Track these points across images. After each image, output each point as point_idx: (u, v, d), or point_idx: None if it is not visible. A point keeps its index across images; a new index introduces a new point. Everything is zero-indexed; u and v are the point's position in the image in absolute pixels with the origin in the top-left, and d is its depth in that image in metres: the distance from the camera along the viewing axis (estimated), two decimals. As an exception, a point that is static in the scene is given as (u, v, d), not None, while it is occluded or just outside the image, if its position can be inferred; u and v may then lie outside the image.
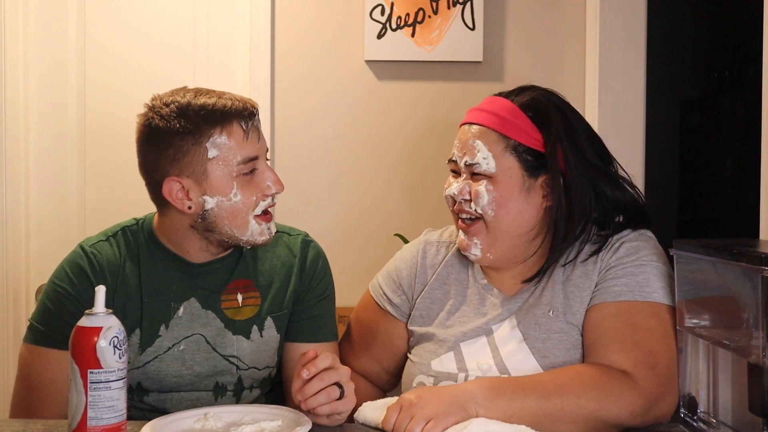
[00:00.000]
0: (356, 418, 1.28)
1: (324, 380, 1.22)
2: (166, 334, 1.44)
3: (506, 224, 1.37)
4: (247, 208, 1.40)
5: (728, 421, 1.19)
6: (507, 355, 1.36)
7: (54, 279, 1.46)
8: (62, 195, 2.38)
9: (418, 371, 1.42)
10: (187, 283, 1.47)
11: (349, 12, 2.41)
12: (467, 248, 1.40)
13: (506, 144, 1.37)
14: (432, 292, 1.49)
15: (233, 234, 1.41)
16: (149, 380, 1.44)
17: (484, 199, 1.36)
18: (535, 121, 1.38)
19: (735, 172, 4.20)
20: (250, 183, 1.40)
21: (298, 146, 2.42)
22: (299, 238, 1.56)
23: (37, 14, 2.37)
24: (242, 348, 1.46)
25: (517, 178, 1.37)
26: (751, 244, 1.20)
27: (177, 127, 1.36)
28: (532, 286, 1.41)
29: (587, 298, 1.36)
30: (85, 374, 1.09)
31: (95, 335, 1.10)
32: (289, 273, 1.52)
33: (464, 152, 1.39)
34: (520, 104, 1.39)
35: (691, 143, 4.59)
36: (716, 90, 4.41)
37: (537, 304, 1.38)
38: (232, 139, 1.37)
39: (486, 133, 1.38)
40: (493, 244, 1.38)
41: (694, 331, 1.28)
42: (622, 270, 1.35)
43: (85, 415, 1.09)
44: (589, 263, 1.38)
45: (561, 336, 1.34)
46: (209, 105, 1.37)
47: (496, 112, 1.39)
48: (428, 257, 1.53)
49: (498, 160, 1.36)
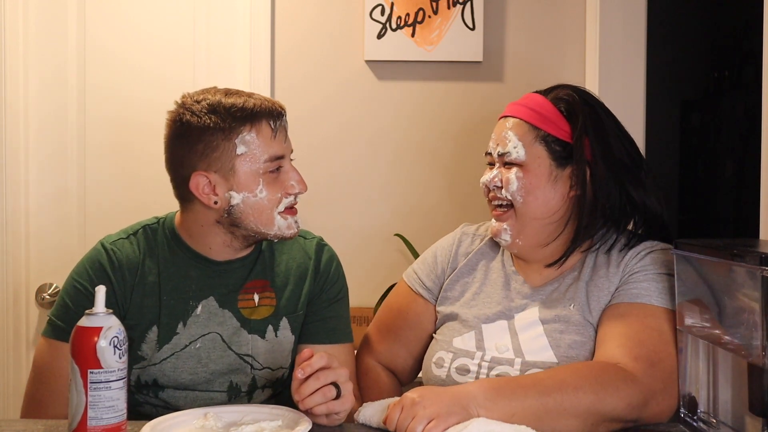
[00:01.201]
0: (356, 418, 1.29)
1: (320, 380, 1.23)
2: (184, 331, 1.46)
3: (533, 210, 1.44)
4: (271, 205, 1.44)
5: (728, 421, 1.19)
6: (525, 341, 1.41)
7: (74, 275, 1.49)
8: (62, 197, 2.38)
9: (440, 348, 1.49)
10: (206, 281, 1.48)
11: (349, 12, 2.41)
12: (498, 233, 1.48)
13: (536, 134, 1.45)
14: (461, 276, 1.56)
15: (259, 229, 1.45)
16: (165, 377, 1.46)
17: (514, 186, 1.44)
18: (565, 114, 1.46)
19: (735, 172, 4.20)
20: (275, 181, 1.45)
21: (298, 146, 2.40)
22: (314, 241, 1.60)
23: (37, 16, 2.36)
24: (257, 347, 1.48)
25: (545, 167, 1.44)
26: (751, 244, 1.20)
27: (208, 122, 1.40)
28: (557, 281, 1.47)
29: (605, 298, 1.41)
30: (85, 374, 1.09)
31: (95, 335, 1.10)
32: (304, 275, 1.55)
33: (497, 143, 1.48)
34: (552, 98, 1.48)
35: (691, 143, 4.59)
36: (716, 90, 4.41)
37: (561, 299, 1.44)
38: (260, 137, 1.42)
39: (519, 124, 1.47)
40: (521, 230, 1.46)
41: (694, 331, 1.28)
42: (644, 276, 1.39)
43: (85, 415, 1.09)
44: (612, 265, 1.43)
45: (578, 329, 1.39)
46: (239, 103, 1.42)
47: (529, 105, 1.48)
48: (463, 246, 1.61)
49: (528, 149, 1.44)
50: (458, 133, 2.41)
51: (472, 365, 1.42)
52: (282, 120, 1.46)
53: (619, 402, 1.23)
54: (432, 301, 1.59)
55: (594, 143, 1.44)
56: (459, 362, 1.44)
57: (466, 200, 2.41)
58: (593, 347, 1.37)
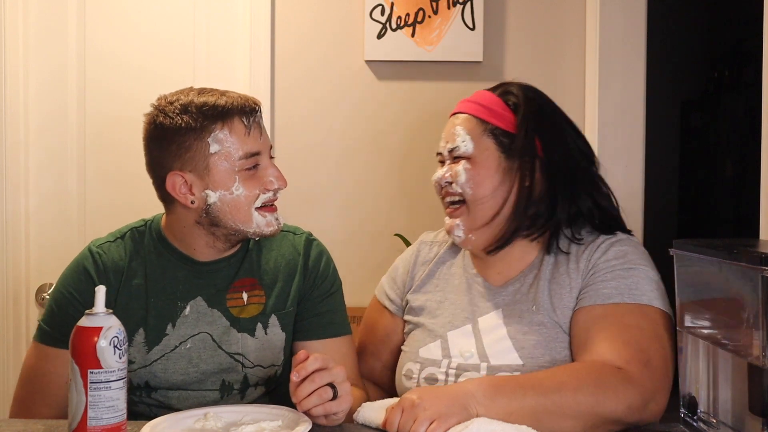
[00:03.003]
0: (355, 418, 1.28)
1: (315, 382, 1.22)
2: (173, 332, 1.46)
3: (483, 202, 1.45)
4: (248, 202, 1.43)
5: (728, 421, 1.19)
6: (489, 344, 1.41)
7: (60, 279, 1.52)
8: (62, 197, 2.38)
9: (407, 359, 1.49)
10: (193, 282, 1.48)
11: (349, 12, 2.41)
12: (452, 230, 1.49)
13: (484, 128, 1.47)
14: (423, 286, 1.57)
15: (238, 227, 1.44)
16: (156, 378, 1.46)
17: (462, 177, 1.45)
18: (512, 107, 1.48)
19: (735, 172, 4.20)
20: (252, 177, 1.44)
21: (298, 146, 2.42)
22: (303, 236, 1.59)
23: (37, 16, 2.36)
24: (247, 346, 1.47)
25: (493, 159, 1.45)
26: (751, 244, 1.20)
27: (180, 123, 1.40)
28: (518, 281, 1.46)
29: (569, 296, 1.40)
30: (85, 374, 1.09)
31: (95, 335, 1.10)
32: (293, 271, 1.54)
33: (447, 140, 1.50)
34: (500, 94, 1.50)
35: (691, 143, 4.59)
36: (716, 90, 4.41)
37: (523, 300, 1.43)
38: (233, 134, 1.41)
39: (467, 119, 1.49)
40: (473, 224, 1.46)
41: (694, 331, 1.28)
42: (611, 273, 1.38)
43: (85, 415, 1.09)
44: (572, 261, 1.43)
45: (541, 329, 1.38)
46: (211, 102, 1.41)
47: (477, 101, 1.51)
48: (421, 255, 1.62)
49: (476, 142, 1.46)
50: (458, 133, 2.41)
51: (439, 374, 1.42)
52: (255, 116, 1.45)
53: (618, 404, 1.23)
54: (398, 314, 1.60)
55: (541, 135, 1.45)
56: (427, 372, 1.44)
57: (466, 200, 2.41)
58: (558, 346, 1.37)
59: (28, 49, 2.36)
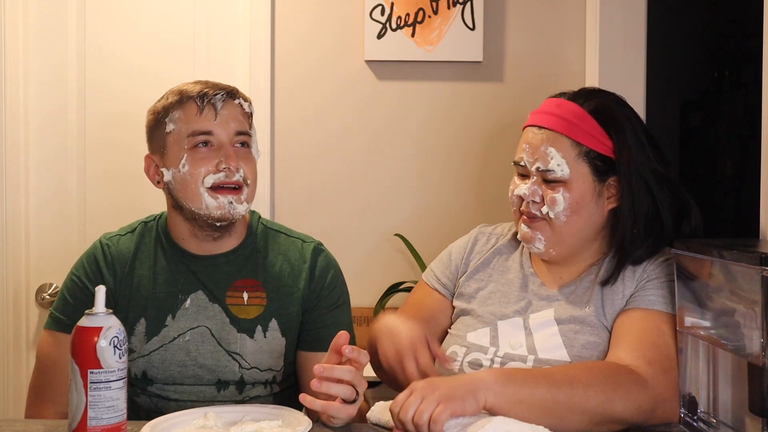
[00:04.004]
0: (369, 417, 1.27)
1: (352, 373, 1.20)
2: (173, 324, 1.48)
3: (576, 228, 1.42)
4: (195, 180, 1.45)
5: (728, 421, 1.19)
6: (539, 339, 1.41)
7: (72, 269, 1.58)
8: (62, 197, 2.38)
9: (454, 342, 1.48)
10: (192, 276, 1.50)
11: (349, 12, 2.40)
12: (531, 241, 1.45)
13: (579, 150, 1.40)
14: (476, 272, 1.55)
15: (190, 207, 1.47)
16: (154, 369, 1.48)
17: (560, 206, 1.40)
18: (605, 126, 1.41)
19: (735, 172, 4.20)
20: (204, 158, 1.46)
21: (298, 146, 2.42)
22: (312, 245, 1.59)
23: (37, 16, 2.36)
24: (245, 346, 1.48)
25: (589, 184, 1.41)
26: (751, 244, 1.20)
27: (154, 109, 1.51)
28: (573, 284, 1.46)
29: (620, 302, 1.40)
30: (85, 374, 1.09)
31: (95, 335, 1.10)
32: (297, 278, 1.54)
33: (536, 158, 1.42)
34: (590, 110, 1.42)
35: (691, 143, 4.59)
36: (716, 90, 4.41)
37: (577, 301, 1.43)
38: (185, 113, 1.47)
39: (558, 139, 1.41)
40: (557, 242, 1.43)
41: (694, 331, 1.28)
42: (660, 283, 1.38)
43: (85, 415, 1.09)
44: (628, 269, 1.42)
45: (592, 330, 1.38)
46: (178, 88, 1.50)
47: (565, 116, 1.42)
48: (479, 243, 1.60)
49: (571, 167, 1.40)
50: (458, 133, 2.40)
51: (485, 360, 1.42)
52: (213, 98, 1.47)
53: (628, 405, 1.22)
54: (448, 297, 1.58)
55: (634, 157, 1.40)
56: (472, 356, 1.44)
57: (466, 199, 2.41)
58: (606, 349, 1.36)
59: (28, 49, 2.35)
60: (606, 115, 1.42)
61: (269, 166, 2.38)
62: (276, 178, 2.41)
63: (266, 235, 1.58)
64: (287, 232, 1.61)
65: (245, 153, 1.50)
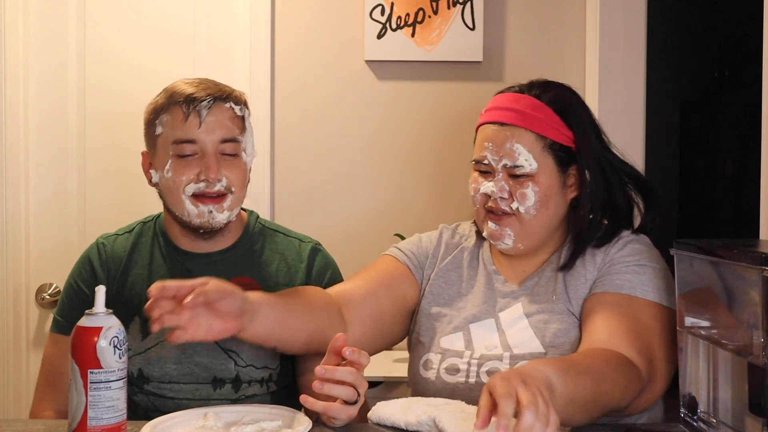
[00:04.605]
0: (369, 417, 1.27)
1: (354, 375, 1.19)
2: None
3: (544, 220, 1.43)
4: (177, 187, 1.46)
5: (728, 421, 1.19)
6: (511, 335, 1.41)
7: (70, 272, 1.59)
8: (62, 197, 2.38)
9: (426, 350, 1.47)
10: (188, 274, 1.50)
11: (349, 12, 2.40)
12: (500, 238, 1.44)
13: (543, 143, 1.41)
14: (447, 273, 1.53)
15: (174, 211, 1.49)
16: (150, 366, 1.48)
17: (531, 201, 1.40)
18: (563, 117, 1.43)
19: (735, 172, 4.20)
20: (187, 165, 1.46)
21: (298, 146, 2.42)
22: (309, 245, 1.59)
23: (37, 16, 2.36)
24: (241, 344, 1.48)
25: (555, 175, 1.42)
26: (751, 244, 1.20)
27: (150, 107, 1.51)
28: (536, 275, 1.46)
29: (583, 287, 1.41)
30: (85, 374, 1.09)
31: (95, 335, 1.10)
32: (293, 278, 1.54)
33: (501, 155, 1.41)
34: (548, 101, 1.43)
35: (691, 143, 4.59)
36: (716, 90, 4.41)
37: (542, 291, 1.44)
38: (172, 119, 1.46)
39: (522, 134, 1.41)
40: (526, 236, 1.43)
41: (694, 331, 1.28)
42: (624, 267, 1.39)
43: (85, 415, 1.09)
44: (587, 255, 1.44)
45: (561, 318, 1.39)
46: (171, 89, 1.49)
47: (525, 111, 1.42)
48: (444, 238, 1.58)
49: (538, 160, 1.40)
50: (458, 133, 2.40)
51: (461, 364, 1.41)
52: (198, 105, 1.44)
53: (630, 397, 1.24)
54: (414, 272, 1.53)
55: (592, 145, 1.44)
56: (448, 362, 1.42)
57: (466, 199, 2.41)
58: (578, 334, 1.37)
59: (28, 49, 2.35)
60: (564, 105, 1.43)
61: (269, 166, 2.38)
62: (276, 178, 2.41)
63: (263, 234, 1.58)
64: (285, 231, 1.62)
65: (230, 161, 1.47)
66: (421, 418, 1.21)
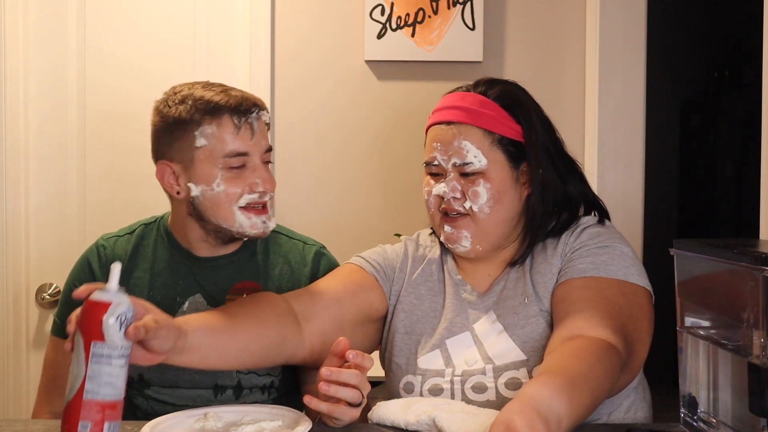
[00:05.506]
0: (370, 418, 1.27)
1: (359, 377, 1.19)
2: None
3: (500, 218, 1.41)
4: (230, 200, 1.42)
5: (728, 421, 1.19)
6: (490, 347, 1.37)
7: (69, 273, 1.57)
8: (62, 196, 2.38)
9: (404, 372, 1.43)
10: (192, 278, 1.49)
11: (349, 12, 2.40)
12: (456, 241, 1.42)
13: (492, 139, 1.40)
14: (417, 288, 1.49)
15: (220, 224, 1.45)
16: (150, 371, 1.46)
17: (483, 198, 1.39)
18: (511, 111, 1.42)
19: (735, 172, 4.21)
20: (237, 177, 1.43)
21: (298, 146, 2.42)
22: (314, 248, 1.58)
23: (37, 16, 2.36)
24: None
25: (507, 171, 1.41)
26: (751, 244, 1.20)
27: (174, 114, 1.42)
28: (502, 279, 1.44)
29: (551, 282, 1.39)
30: (89, 346, 1.05)
31: (104, 309, 1.07)
32: (297, 282, 1.53)
33: (450, 154, 1.42)
34: (495, 97, 1.43)
35: (691, 143, 4.59)
36: (716, 90, 4.41)
37: (512, 295, 1.41)
38: (221, 131, 1.41)
39: (469, 131, 1.41)
40: (483, 237, 1.42)
41: (694, 331, 1.28)
42: (586, 251, 1.38)
43: (82, 387, 1.04)
44: (549, 249, 1.42)
45: (537, 320, 1.37)
46: (207, 97, 1.42)
47: (472, 107, 1.42)
48: (410, 251, 1.55)
49: (488, 156, 1.40)
50: (458, 133, 2.41)
51: (444, 383, 1.36)
52: (249, 116, 1.43)
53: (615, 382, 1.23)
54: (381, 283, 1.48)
55: (541, 138, 1.42)
56: (430, 383, 1.38)
57: (466, 200, 2.41)
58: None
59: (28, 49, 2.35)
60: (511, 100, 1.43)
61: (269, 166, 2.38)
62: (276, 178, 2.40)
63: (267, 236, 1.58)
64: (289, 234, 1.61)
65: (268, 168, 1.49)
66: (421, 418, 1.21)
